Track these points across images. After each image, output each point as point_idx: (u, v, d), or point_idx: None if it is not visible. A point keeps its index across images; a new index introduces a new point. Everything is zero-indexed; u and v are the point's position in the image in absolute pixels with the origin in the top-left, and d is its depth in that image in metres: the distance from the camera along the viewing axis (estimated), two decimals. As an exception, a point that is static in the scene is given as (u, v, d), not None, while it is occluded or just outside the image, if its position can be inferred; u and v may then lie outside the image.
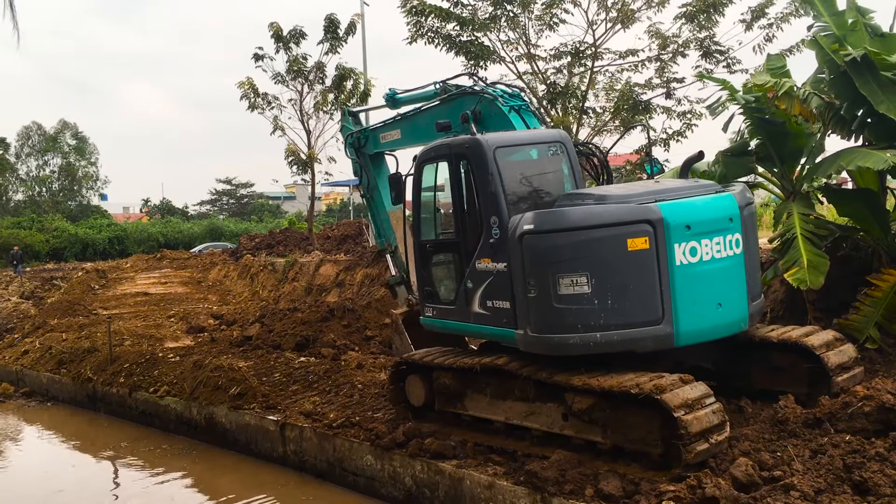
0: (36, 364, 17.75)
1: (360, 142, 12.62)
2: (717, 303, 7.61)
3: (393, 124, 11.94)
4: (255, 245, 31.96)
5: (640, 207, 7.39)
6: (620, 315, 7.26)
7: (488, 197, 8.14)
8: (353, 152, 12.90)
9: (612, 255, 7.26)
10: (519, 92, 10.07)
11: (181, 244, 55.34)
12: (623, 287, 7.27)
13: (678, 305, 7.32)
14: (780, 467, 6.56)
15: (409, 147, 11.55)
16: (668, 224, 7.29)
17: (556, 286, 7.35)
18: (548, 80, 20.23)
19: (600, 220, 7.33)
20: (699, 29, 18.82)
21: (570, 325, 7.33)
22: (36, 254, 52.62)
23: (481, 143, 8.27)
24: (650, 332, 7.30)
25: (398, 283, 12.72)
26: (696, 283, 7.45)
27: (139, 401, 14.04)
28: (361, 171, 12.88)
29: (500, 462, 8.07)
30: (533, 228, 7.51)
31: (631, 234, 7.25)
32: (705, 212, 7.66)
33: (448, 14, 18.75)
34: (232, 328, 18.10)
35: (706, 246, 7.53)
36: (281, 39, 26.91)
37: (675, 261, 7.31)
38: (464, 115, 9.55)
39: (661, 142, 20.22)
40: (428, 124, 10.73)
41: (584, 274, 7.26)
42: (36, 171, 72.71)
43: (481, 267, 8.26)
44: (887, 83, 9.78)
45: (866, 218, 10.51)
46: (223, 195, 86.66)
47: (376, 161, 12.79)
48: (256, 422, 11.35)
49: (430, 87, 11.41)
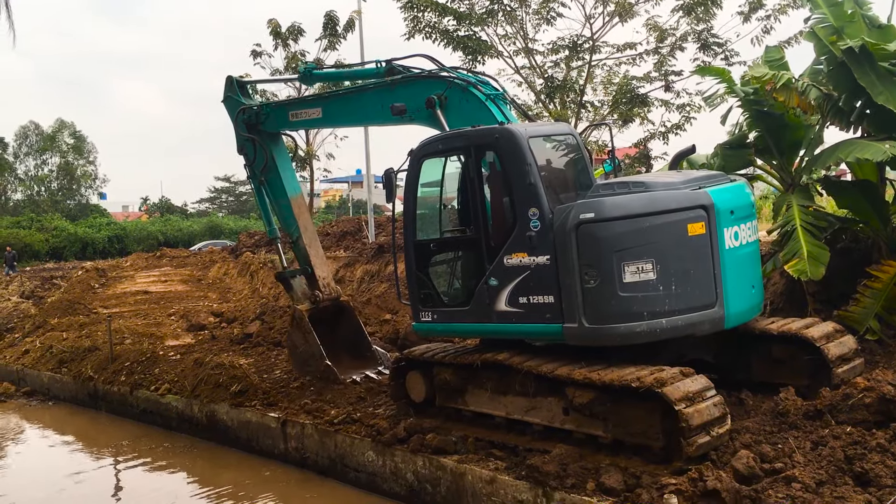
0: (37, 363, 17.75)
1: (257, 118, 11.61)
2: (751, 285, 7.93)
3: (312, 102, 11.04)
4: (254, 242, 31.94)
5: (696, 193, 7.52)
6: (683, 300, 7.36)
7: (526, 189, 7.85)
8: (244, 128, 11.77)
9: (675, 240, 7.35)
10: (488, 79, 9.62)
11: (181, 242, 55.36)
12: (685, 272, 7.36)
13: (728, 288, 7.52)
14: (781, 459, 6.57)
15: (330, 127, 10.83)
16: (719, 209, 7.46)
17: (621, 274, 7.29)
18: (545, 75, 20.20)
19: (662, 206, 7.38)
20: (697, 22, 18.77)
21: (637, 314, 7.31)
22: (35, 253, 52.60)
23: (516, 134, 8.00)
24: (708, 316, 7.46)
25: (293, 276, 11.97)
26: (739, 267, 7.70)
27: (140, 399, 14.05)
28: (256, 150, 11.74)
29: (501, 457, 8.07)
30: (594, 217, 7.38)
31: (691, 220, 7.38)
32: (739, 198, 7.94)
33: (445, 9, 18.72)
34: (232, 326, 18.08)
35: (743, 231, 7.80)
36: (279, 36, 26.91)
37: (725, 245, 7.50)
38: (430, 100, 9.11)
39: (659, 135, 20.22)
40: (370, 104, 10.13)
41: (650, 260, 7.28)
42: (34, 170, 72.60)
43: (512, 262, 8.00)
44: (885, 74, 9.77)
45: (865, 209, 10.51)
46: (222, 193, 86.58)
47: (274, 140, 11.84)
48: (258, 419, 11.35)
49: (370, 65, 10.68)
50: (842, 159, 10.05)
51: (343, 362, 11.95)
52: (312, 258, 12.06)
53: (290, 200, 11.90)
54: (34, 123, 72.99)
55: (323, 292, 12.03)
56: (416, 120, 9.61)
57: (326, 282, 12.20)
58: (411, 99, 9.44)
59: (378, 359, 12.14)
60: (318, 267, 12.11)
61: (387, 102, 9.66)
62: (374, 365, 11.98)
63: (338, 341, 12.21)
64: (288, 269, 12.30)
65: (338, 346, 12.14)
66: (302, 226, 11.95)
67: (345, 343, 12.32)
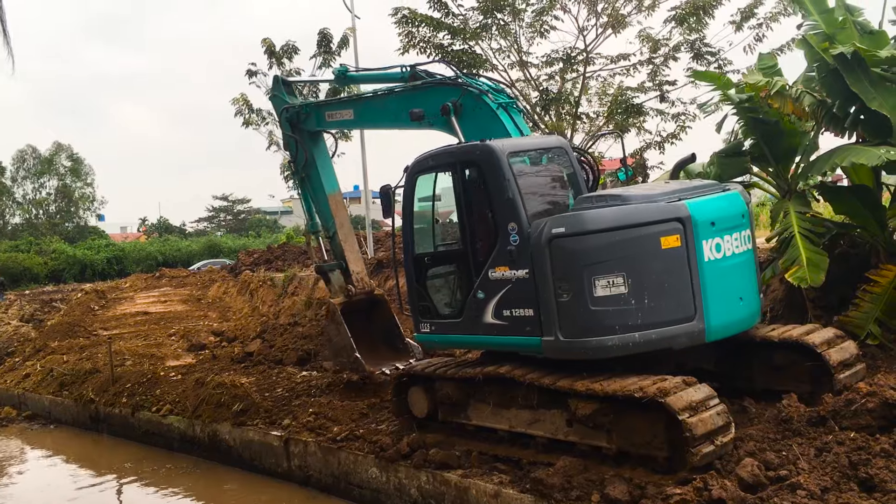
0: (38, 387, 17.70)
1: (298, 116, 11.95)
2: (738, 297, 7.78)
3: (345, 103, 11.29)
4: (253, 260, 31.92)
5: (671, 206, 7.47)
6: (657, 314, 7.33)
7: (505, 203, 7.98)
8: (287, 126, 12.15)
9: (647, 254, 7.32)
10: (503, 87, 9.72)
11: (180, 262, 55.23)
12: (658, 285, 7.33)
13: (708, 301, 7.43)
14: (785, 466, 6.56)
15: (361, 129, 11.03)
16: (696, 221, 7.40)
17: (591, 288, 7.31)
18: (540, 87, 20.25)
19: (634, 219, 7.36)
20: (689, 31, 18.85)
21: (608, 327, 7.32)
22: (35, 276, 52.51)
23: (495, 150, 8.12)
24: (685, 329, 7.39)
25: (332, 270, 12.27)
26: (722, 279, 7.60)
27: (142, 420, 14.01)
28: (297, 148, 12.11)
29: (505, 470, 8.05)
30: (564, 231, 7.44)
31: (664, 233, 7.33)
32: (725, 208, 7.85)
33: (439, 24, 18.80)
34: (233, 345, 18.06)
35: (728, 242, 7.69)
36: (274, 55, 26.95)
37: (704, 257, 7.43)
38: (445, 107, 9.22)
39: (655, 144, 20.25)
40: (393, 109, 10.28)
41: (621, 274, 7.28)
42: (32, 193, 72.58)
43: (496, 276, 8.13)
44: (878, 79, 9.80)
45: (862, 214, 10.52)
46: (220, 212, 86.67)
47: (314, 138, 12.17)
48: (260, 438, 11.32)
49: (395, 70, 10.83)
50: (837, 165, 10.07)
51: (377, 354, 12.20)
52: (347, 253, 12.38)
53: (329, 197, 12.25)
54: (31, 147, 73.04)
55: (356, 286, 12.34)
56: (434, 126, 9.75)
57: (360, 276, 12.52)
58: (429, 105, 9.60)
59: (410, 351, 12.29)
60: (352, 262, 12.43)
61: (408, 107, 9.82)
62: (407, 357, 12.14)
63: (372, 334, 12.48)
64: (326, 263, 12.59)
65: (372, 339, 12.42)
66: (339, 222, 12.29)
67: (379, 335, 12.59)
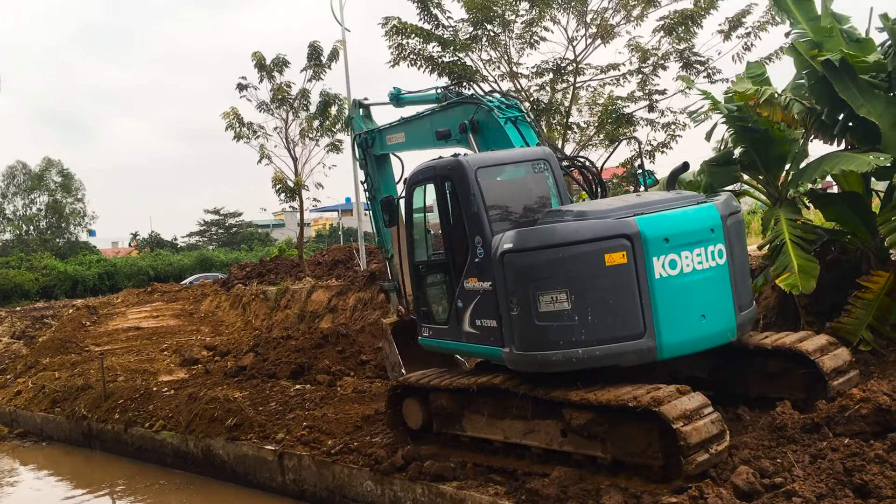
0: (29, 404, 17.58)
1: (367, 142, 12.39)
2: (700, 314, 7.61)
3: (398, 126, 11.74)
4: (245, 274, 31.86)
5: (617, 222, 7.41)
6: (601, 330, 7.31)
7: (472, 217, 8.23)
8: (360, 152, 12.66)
9: (591, 270, 7.31)
10: (516, 101, 10.02)
11: (171, 276, 55.08)
12: (603, 302, 7.31)
13: (660, 318, 7.36)
14: (780, 474, 6.55)
15: (413, 151, 11.41)
16: (646, 237, 7.33)
17: (536, 303, 7.41)
18: (531, 98, 20.33)
19: (577, 236, 7.36)
20: (678, 41, 18.98)
21: (552, 342, 7.40)
22: (26, 293, 52.24)
23: (463, 165, 8.37)
24: (632, 346, 7.34)
25: (392, 290, 12.67)
26: (677, 296, 7.46)
27: (135, 436, 13.93)
28: (367, 172, 12.62)
29: (500, 482, 8.04)
30: (512, 247, 7.59)
31: (608, 249, 7.29)
32: (684, 224, 7.65)
33: (429, 35, 18.87)
34: (226, 359, 18.00)
35: (686, 258, 7.52)
36: (264, 68, 26.98)
37: (655, 274, 7.34)
38: (462, 125, 9.59)
39: (646, 154, 20.34)
40: (428, 130, 10.69)
41: (564, 290, 7.32)
42: (22, 209, 72.34)
43: (469, 286, 8.34)
44: (866, 86, 9.87)
45: (853, 221, 10.57)
46: (212, 225, 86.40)
47: (381, 162, 12.58)
48: (254, 452, 11.27)
49: (432, 91, 11.27)
50: (827, 172, 10.11)
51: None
52: (402, 276, 12.47)
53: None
54: (21, 163, 72.82)
55: (407, 309, 12.59)
56: (460, 143, 10.08)
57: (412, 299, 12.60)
58: (453, 123, 9.95)
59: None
60: (406, 285, 12.52)
61: (438, 127, 10.17)
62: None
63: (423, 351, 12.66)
64: (388, 283, 13.02)
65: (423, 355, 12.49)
66: (394, 246, 12.53)
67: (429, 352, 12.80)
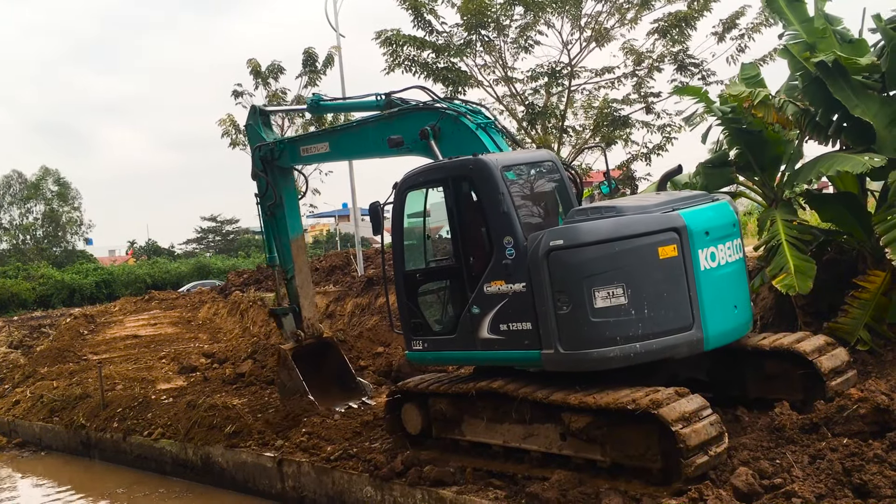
0: (28, 413, 17.54)
1: (272, 153, 11.71)
2: (733, 305, 7.84)
3: (320, 136, 11.26)
4: (243, 281, 31.83)
5: (666, 216, 7.52)
6: (656, 324, 7.35)
7: (500, 217, 7.99)
8: (259, 164, 11.89)
9: (646, 264, 7.35)
10: (480, 108, 9.79)
11: (169, 284, 54.99)
12: (658, 295, 7.36)
13: (705, 310, 7.48)
14: (780, 474, 6.57)
15: (338, 161, 10.98)
16: (692, 231, 7.46)
17: (591, 299, 7.32)
18: (526, 102, 20.37)
19: (631, 230, 7.39)
20: (672, 43, 19.02)
21: (609, 339, 7.32)
22: (23, 302, 52.13)
23: (488, 164, 8.15)
24: (684, 338, 7.43)
25: (285, 314, 12.44)
26: (717, 287, 7.65)
27: (134, 445, 13.91)
28: (267, 187, 11.91)
29: (500, 486, 8.03)
30: (562, 244, 7.45)
31: (661, 243, 7.37)
32: (717, 218, 7.92)
33: (423, 42, 18.89)
34: (224, 366, 17.95)
35: (721, 251, 7.76)
36: (259, 75, 27.04)
37: (700, 266, 7.48)
38: (423, 132, 9.26)
39: (642, 156, 20.37)
40: (371, 137, 10.30)
41: (620, 285, 7.29)
42: (19, 219, 72.22)
43: (491, 290, 8.12)
44: (859, 87, 9.91)
45: (848, 221, 10.60)
46: (209, 233, 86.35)
47: (285, 175, 12.02)
48: (253, 459, 11.25)
49: (370, 98, 10.85)
50: (823, 173, 10.16)
51: (331, 395, 12.51)
52: (302, 299, 12.56)
53: (291, 241, 12.30)
54: (17, 172, 72.69)
55: (306, 332, 12.59)
56: (413, 151, 9.77)
57: (311, 322, 12.78)
58: (407, 131, 9.62)
59: (362, 390, 12.70)
60: (305, 308, 12.65)
61: (387, 135, 9.84)
62: (359, 396, 12.54)
63: (325, 376, 12.78)
64: (279, 307, 12.76)
65: (325, 381, 12.73)
66: (297, 267, 12.40)
67: (332, 377, 12.91)
